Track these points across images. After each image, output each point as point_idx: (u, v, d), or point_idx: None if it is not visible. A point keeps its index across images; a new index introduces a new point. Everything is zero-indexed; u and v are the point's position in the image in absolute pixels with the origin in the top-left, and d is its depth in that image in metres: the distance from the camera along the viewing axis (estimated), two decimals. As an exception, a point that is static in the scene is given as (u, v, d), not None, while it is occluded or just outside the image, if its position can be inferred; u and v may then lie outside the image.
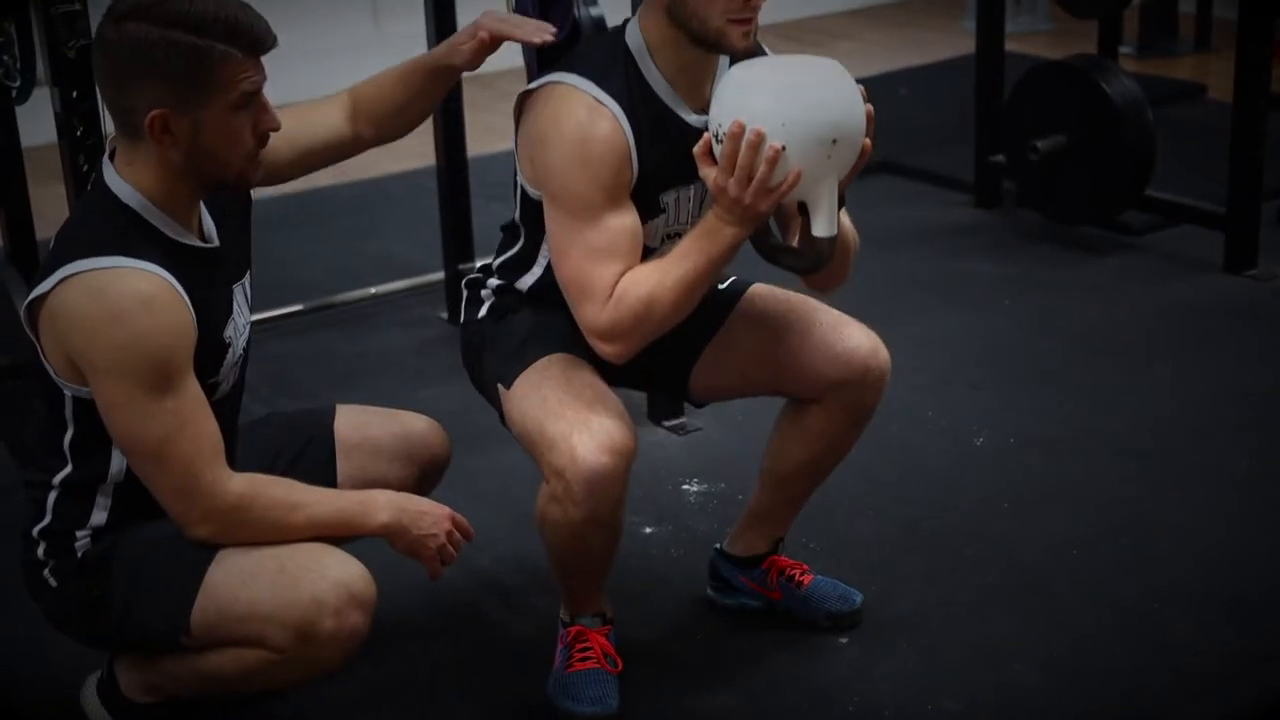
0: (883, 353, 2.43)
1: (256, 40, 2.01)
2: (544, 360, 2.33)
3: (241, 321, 2.21)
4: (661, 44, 2.25)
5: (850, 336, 2.42)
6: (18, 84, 2.82)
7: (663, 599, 2.73)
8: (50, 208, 3.26)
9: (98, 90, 2.05)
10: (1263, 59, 3.89)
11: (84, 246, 2.02)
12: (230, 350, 2.17)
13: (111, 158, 2.10)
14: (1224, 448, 3.19)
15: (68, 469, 2.14)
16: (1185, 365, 3.58)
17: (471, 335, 2.47)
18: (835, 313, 2.45)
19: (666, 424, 3.35)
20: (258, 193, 2.27)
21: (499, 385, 2.37)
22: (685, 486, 3.11)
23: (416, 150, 5.28)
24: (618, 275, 2.19)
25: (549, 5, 3.42)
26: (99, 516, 2.15)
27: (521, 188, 2.33)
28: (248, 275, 2.25)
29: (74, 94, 2.65)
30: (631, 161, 2.22)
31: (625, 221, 2.22)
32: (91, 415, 2.07)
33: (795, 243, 2.27)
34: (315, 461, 2.34)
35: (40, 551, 2.17)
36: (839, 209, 2.21)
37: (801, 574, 2.62)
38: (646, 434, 3.28)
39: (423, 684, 2.52)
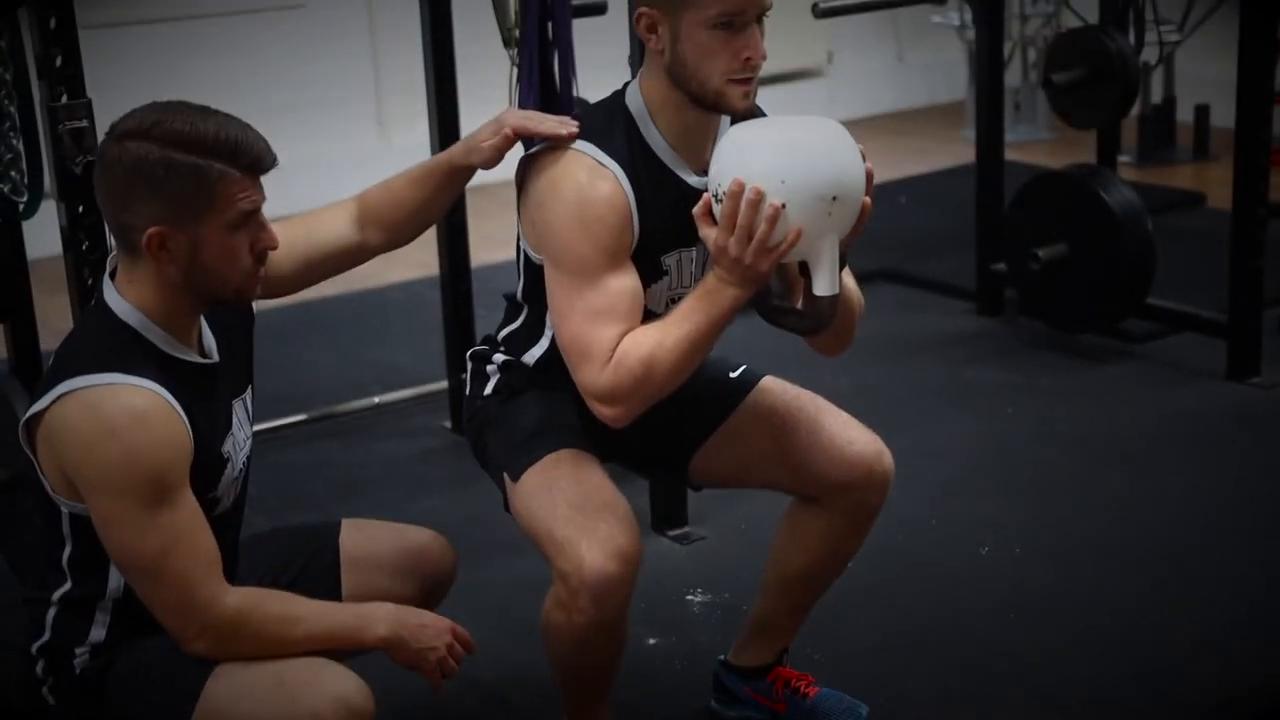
0: (887, 457, 2.42)
1: (256, 160, 2.02)
2: (552, 457, 2.31)
3: (241, 437, 2.20)
4: (662, 106, 2.26)
5: (856, 440, 2.41)
6: (25, 199, 2.84)
7: (666, 711, 2.70)
8: (55, 319, 3.27)
9: (100, 206, 2.06)
10: (1261, 168, 3.92)
11: (81, 363, 2.03)
12: (229, 465, 2.16)
13: (113, 276, 2.11)
14: (1231, 556, 3.17)
15: (67, 585, 2.12)
16: (1190, 473, 3.57)
17: (476, 413, 2.46)
18: (842, 414, 2.44)
19: (671, 533, 3.34)
20: (260, 302, 2.28)
21: (505, 475, 2.36)
22: (689, 597, 3.09)
23: (419, 259, 5.32)
24: (618, 337, 2.19)
25: (550, 95, 3.45)
26: (98, 633, 2.13)
27: (525, 255, 2.33)
28: (249, 390, 2.25)
29: (80, 209, 2.67)
30: (633, 223, 2.22)
31: (626, 283, 2.21)
32: (89, 532, 2.06)
33: (798, 305, 2.26)
34: (320, 577, 2.32)
35: (39, 669, 2.15)
36: (841, 269, 2.20)
37: (807, 685, 2.60)
38: (650, 543, 3.25)
39: (423, 801, 2.48)
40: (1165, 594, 3.03)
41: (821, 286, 2.17)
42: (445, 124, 3.80)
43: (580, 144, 2.24)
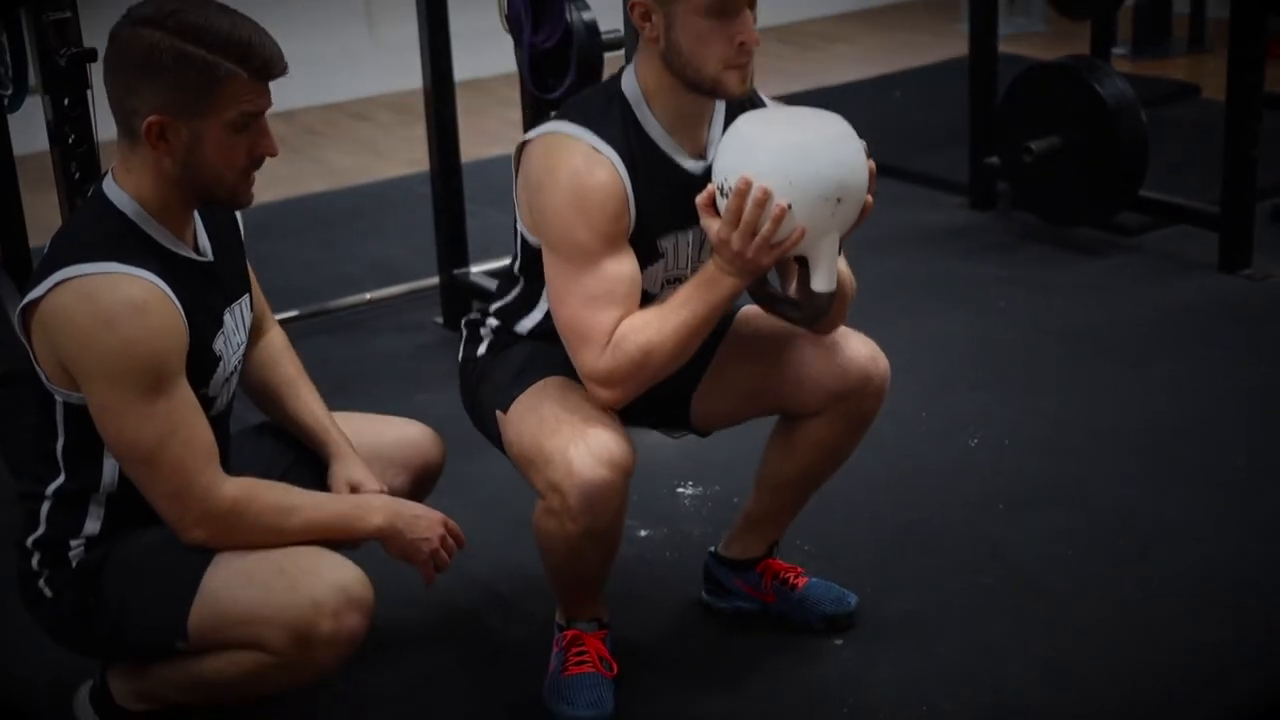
0: (882, 361, 2.43)
1: (265, 64, 2.01)
2: (541, 382, 2.33)
3: (235, 340, 2.21)
4: (658, 90, 2.26)
5: (849, 346, 2.42)
6: (9, 92, 2.82)
7: (658, 603, 2.72)
8: (43, 215, 3.26)
9: (106, 89, 2.05)
10: (1256, 58, 3.89)
11: (78, 251, 2.03)
12: (221, 364, 2.17)
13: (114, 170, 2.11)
14: (1221, 446, 3.19)
15: (60, 478, 2.14)
16: (1181, 364, 3.59)
17: (469, 372, 2.48)
18: (828, 333, 2.44)
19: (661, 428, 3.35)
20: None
21: (496, 411, 2.37)
22: (680, 490, 3.11)
23: (410, 156, 5.31)
24: (616, 321, 2.21)
25: (540, 10, 3.43)
26: (93, 525, 2.15)
27: (521, 235, 2.34)
28: (246, 297, 2.25)
29: (65, 101, 2.66)
30: (629, 208, 2.23)
31: (623, 268, 2.23)
32: (83, 422, 2.07)
33: (793, 293, 2.28)
34: (309, 468, 2.34)
35: (35, 562, 2.17)
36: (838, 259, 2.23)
37: (796, 577, 2.62)
38: (641, 437, 3.26)
39: (418, 690, 2.52)
40: (1155, 483, 3.06)
41: (820, 283, 2.20)
42: (434, 20, 3.77)
43: (576, 129, 2.24)
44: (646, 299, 2.28)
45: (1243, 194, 4.00)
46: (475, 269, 3.93)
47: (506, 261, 2.52)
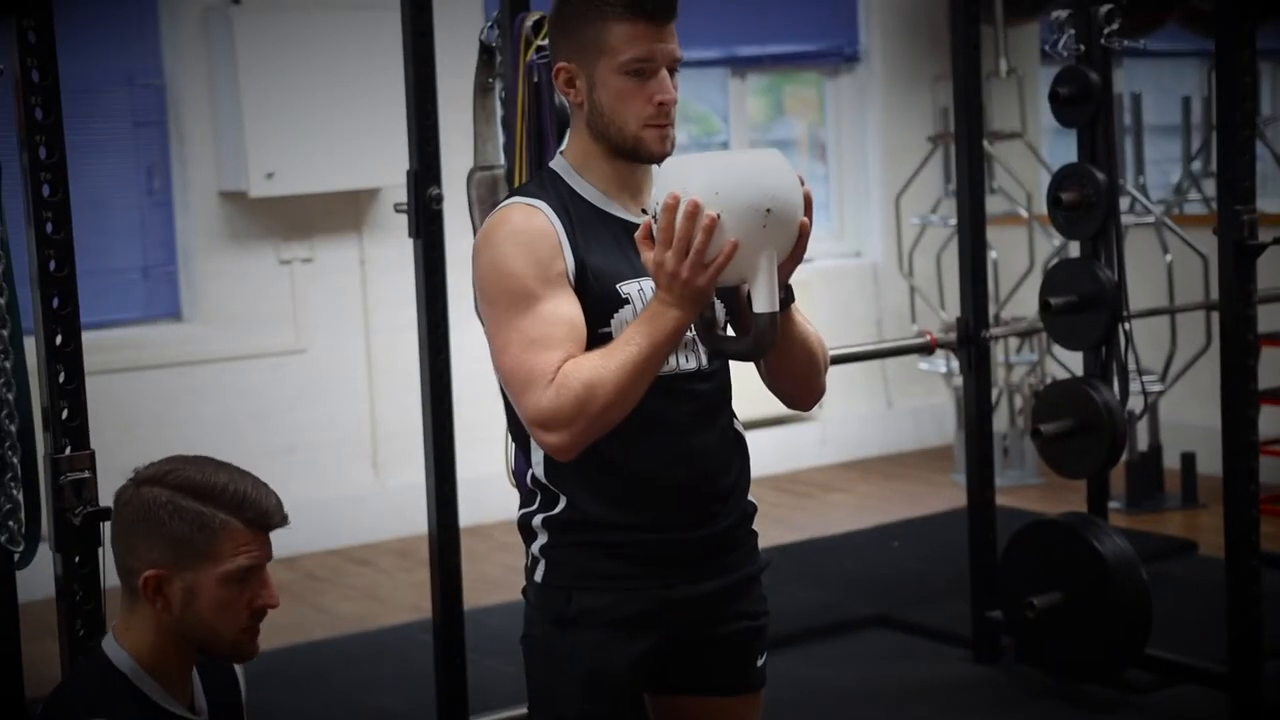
0: None
1: (261, 515, 2.04)
2: None
3: None
4: (587, 159, 2.32)
5: None
6: (21, 549, 2.85)
7: None
8: (42, 665, 3.23)
9: (111, 548, 2.08)
10: (1250, 519, 3.94)
11: (70, 712, 2.00)
12: None
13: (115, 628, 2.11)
14: None
15: None
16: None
17: (531, 618, 2.37)
18: None
19: None
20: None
21: None
22: None
23: (411, 603, 5.30)
24: (559, 362, 2.16)
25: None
26: None
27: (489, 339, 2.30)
28: None
29: (76, 559, 2.68)
30: (563, 250, 2.23)
31: (562, 310, 2.20)
32: None
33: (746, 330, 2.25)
34: None
35: None
36: (787, 303, 2.22)
37: None
38: None
39: None
40: None
41: (760, 303, 2.17)
42: (441, 468, 3.84)
43: (511, 199, 2.31)
44: None
45: (1249, 655, 3.97)
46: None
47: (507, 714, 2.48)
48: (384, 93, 4.97)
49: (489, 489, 5.00)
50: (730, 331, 2.34)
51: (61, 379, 2.70)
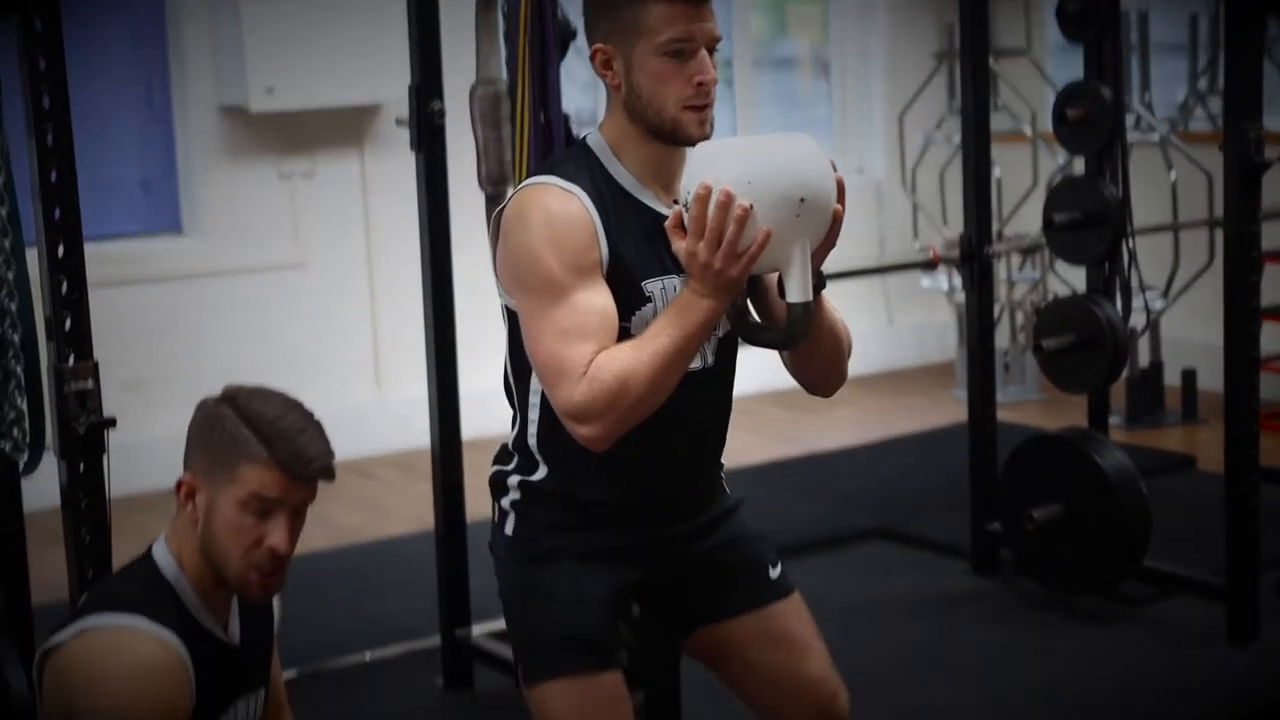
0: (842, 699, 2.43)
1: (293, 456, 2.05)
2: (573, 683, 2.27)
3: None
4: (624, 141, 2.29)
5: (823, 682, 2.42)
6: (25, 457, 2.86)
7: None
8: (47, 572, 3.25)
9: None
10: (1250, 434, 3.96)
11: (110, 601, 2.05)
12: None
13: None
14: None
15: None
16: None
17: (501, 562, 2.39)
18: (820, 655, 2.44)
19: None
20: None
21: (523, 673, 2.33)
22: None
23: (413, 514, 5.33)
24: (591, 354, 2.16)
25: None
26: None
27: (505, 310, 2.31)
28: (262, 691, 2.24)
29: (80, 468, 2.69)
30: (599, 240, 2.21)
31: (595, 301, 2.19)
32: None
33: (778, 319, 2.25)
34: None
35: None
36: (820, 289, 2.20)
37: None
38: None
39: None
40: None
41: (794, 293, 2.16)
42: (444, 380, 3.85)
43: (543, 177, 2.27)
44: None
45: (1246, 568, 4.00)
46: (477, 629, 3.90)
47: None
48: (385, 6, 4.93)
49: (491, 402, 5.01)
50: (757, 316, 2.32)
51: (64, 289, 2.70)
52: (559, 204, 2.22)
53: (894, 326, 7.42)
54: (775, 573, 2.48)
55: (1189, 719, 3.64)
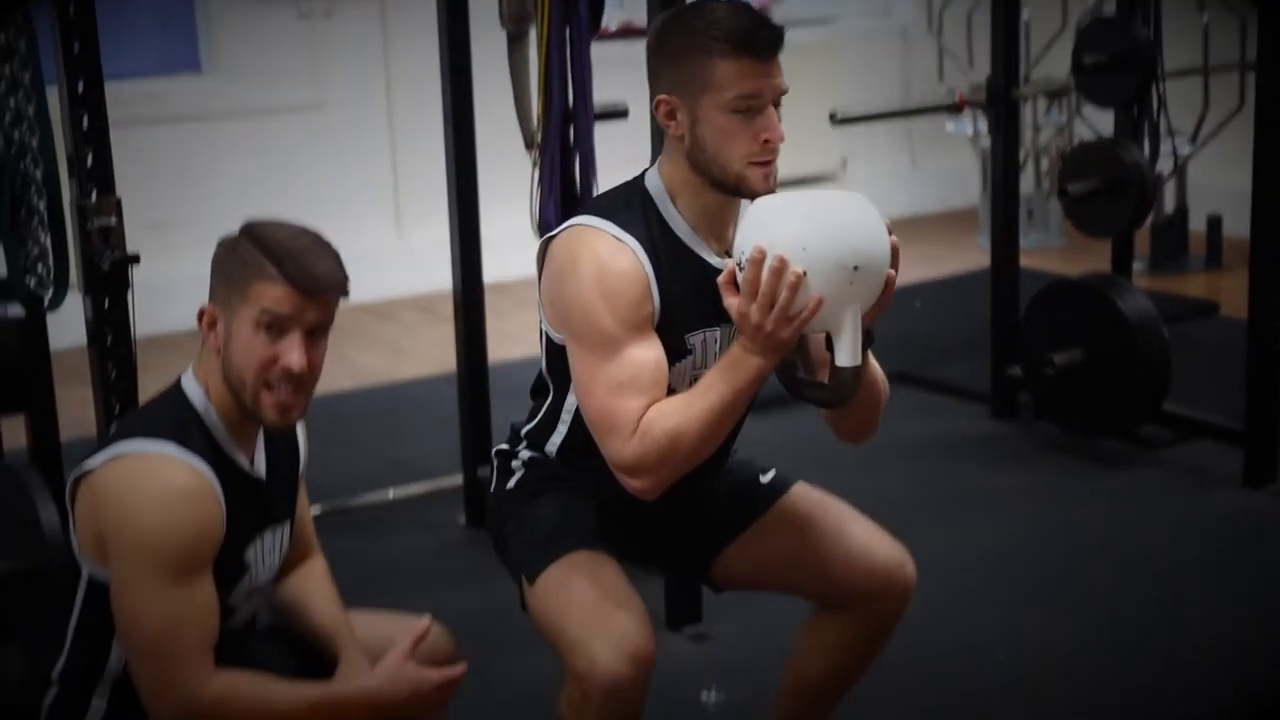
0: (909, 567, 2.42)
1: (303, 273, 2.05)
2: (569, 558, 2.30)
3: (268, 561, 2.22)
4: (683, 188, 2.28)
5: (879, 549, 2.41)
6: (50, 292, 2.88)
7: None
8: (75, 410, 3.29)
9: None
10: (1275, 280, 3.94)
11: (141, 429, 2.08)
12: (248, 576, 2.17)
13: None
14: (1249, 664, 3.15)
15: (63, 658, 2.13)
16: (1208, 580, 3.55)
17: (497, 507, 2.46)
18: (866, 523, 2.44)
19: (686, 631, 3.32)
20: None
21: (522, 575, 2.35)
22: (704, 697, 3.06)
23: (434, 356, 5.36)
24: (642, 408, 2.18)
25: (569, 199, 3.44)
26: None
27: (546, 335, 2.34)
28: (288, 525, 2.26)
29: (105, 304, 2.70)
30: (652, 294, 2.22)
31: (648, 355, 2.21)
32: (100, 601, 2.07)
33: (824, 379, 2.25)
34: (321, 669, 2.31)
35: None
36: (866, 347, 2.20)
37: (822, 791, 2.57)
38: (665, 641, 3.22)
39: None
40: (1179, 701, 3.01)
41: (843, 357, 2.17)
42: (465, 223, 3.84)
43: (598, 221, 2.26)
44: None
45: (1266, 412, 4.01)
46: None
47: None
48: None
49: (512, 246, 5.02)
50: (801, 365, 2.31)
51: (85, 125, 2.69)
52: (612, 257, 2.22)
53: (918, 171, 7.36)
54: (767, 478, 2.49)
55: (1204, 558, 3.68)
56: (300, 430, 2.33)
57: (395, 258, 6.19)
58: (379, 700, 2.13)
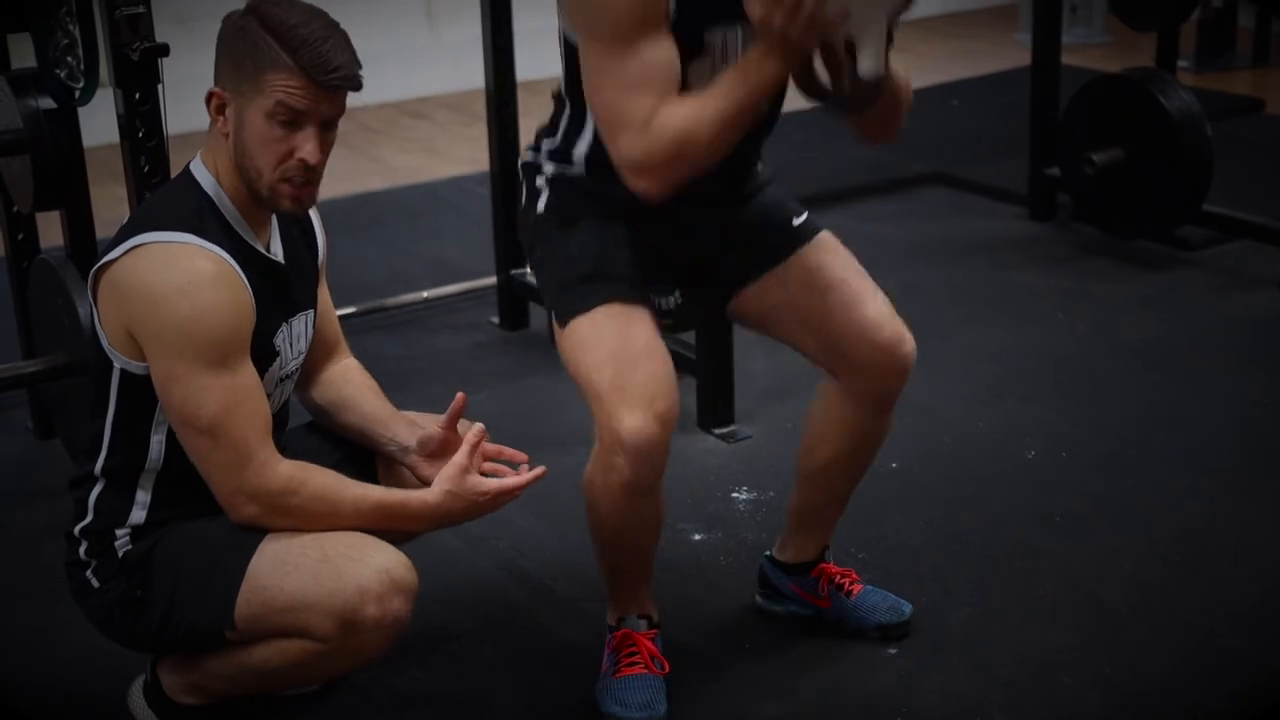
0: (909, 344, 2.41)
1: (317, 64, 2.02)
2: (601, 310, 2.27)
3: (296, 347, 2.23)
4: None
5: (885, 325, 2.40)
6: (81, 85, 2.85)
7: (711, 606, 2.72)
8: (109, 208, 3.30)
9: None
10: (1324, 74, 3.86)
11: (158, 219, 2.08)
12: (279, 361, 2.19)
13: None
14: (1277, 469, 3.16)
15: (104, 454, 2.16)
16: (1243, 381, 3.55)
17: (528, 229, 2.43)
18: (880, 297, 2.42)
19: (716, 431, 3.35)
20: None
21: (553, 315, 2.35)
22: (735, 494, 3.11)
23: (468, 156, 5.33)
24: (653, 106, 2.14)
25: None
26: (138, 514, 2.17)
27: (565, 40, 2.28)
28: (311, 312, 2.27)
29: (136, 96, 2.68)
30: None
31: (660, 54, 2.16)
32: (135, 393, 2.09)
33: (844, 82, 2.21)
34: (356, 466, 2.34)
35: (82, 551, 2.19)
36: (887, 49, 2.16)
37: (851, 583, 2.61)
38: (696, 441, 3.28)
39: (470, 687, 2.52)
40: (1215, 500, 3.03)
41: (866, 67, 2.13)
42: (497, 19, 3.78)
43: None
44: None
45: (1307, 210, 3.97)
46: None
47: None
48: None
49: (546, 43, 4.93)
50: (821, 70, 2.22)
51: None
52: None
53: (958, -34, 7.20)
54: (799, 220, 2.46)
55: (1236, 356, 3.67)
56: (316, 220, 2.33)
57: (427, 54, 6.12)
58: (440, 513, 2.18)
